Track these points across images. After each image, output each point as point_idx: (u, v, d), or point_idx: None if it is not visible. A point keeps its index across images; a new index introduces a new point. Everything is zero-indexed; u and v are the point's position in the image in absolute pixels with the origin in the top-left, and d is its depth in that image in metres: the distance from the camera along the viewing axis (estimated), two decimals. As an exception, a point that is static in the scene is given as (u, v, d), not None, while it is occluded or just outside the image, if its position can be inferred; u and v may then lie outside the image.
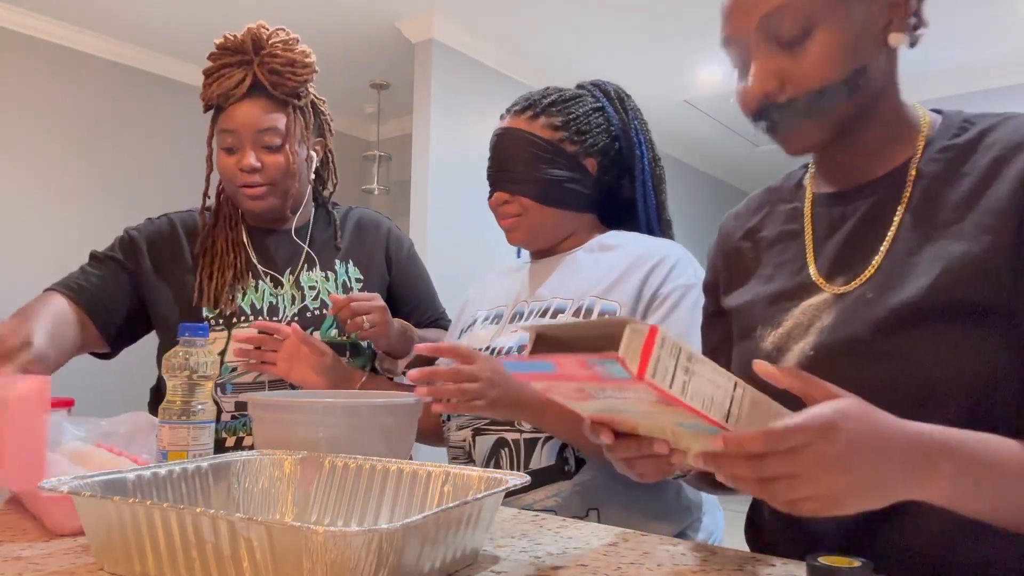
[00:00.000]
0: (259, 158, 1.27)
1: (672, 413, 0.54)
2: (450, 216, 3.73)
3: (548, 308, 1.12)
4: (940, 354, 0.69)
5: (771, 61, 0.76)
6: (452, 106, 3.82)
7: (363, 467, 0.78)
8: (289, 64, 1.29)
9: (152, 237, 1.36)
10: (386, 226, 1.51)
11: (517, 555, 0.68)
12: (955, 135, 0.78)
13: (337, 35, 3.84)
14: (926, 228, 0.75)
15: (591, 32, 3.84)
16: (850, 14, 0.74)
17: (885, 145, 0.81)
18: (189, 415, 0.90)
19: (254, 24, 1.30)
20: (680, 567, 0.65)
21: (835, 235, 0.82)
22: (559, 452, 1.04)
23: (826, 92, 0.75)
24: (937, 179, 0.77)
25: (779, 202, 0.94)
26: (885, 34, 0.76)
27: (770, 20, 0.75)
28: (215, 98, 1.28)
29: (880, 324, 0.72)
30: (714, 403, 0.53)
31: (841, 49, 0.74)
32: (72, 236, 3.72)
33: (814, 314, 0.79)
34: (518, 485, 0.69)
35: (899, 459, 0.57)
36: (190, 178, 4.14)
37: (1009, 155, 0.73)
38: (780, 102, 0.76)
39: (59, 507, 0.72)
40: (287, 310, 1.32)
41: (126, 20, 3.69)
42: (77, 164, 3.75)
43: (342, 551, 0.50)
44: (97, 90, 3.85)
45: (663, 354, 0.50)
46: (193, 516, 0.55)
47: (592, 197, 1.19)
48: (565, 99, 1.18)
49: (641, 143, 1.21)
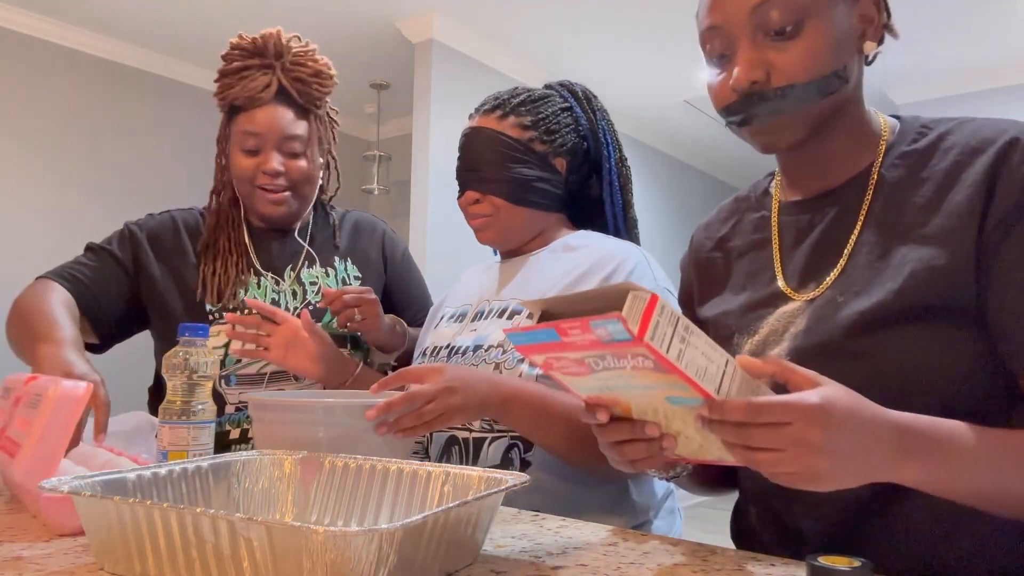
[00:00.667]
0: (281, 162, 1.30)
1: (666, 384, 0.56)
2: (450, 216, 3.73)
3: (506, 309, 1.13)
4: (911, 354, 0.71)
5: (760, 51, 0.77)
6: (452, 106, 3.82)
7: (363, 467, 0.78)
8: (316, 75, 1.32)
9: (154, 231, 1.37)
10: (381, 228, 1.54)
11: (517, 555, 0.68)
12: (914, 140, 0.81)
13: (337, 35, 3.84)
14: (890, 232, 0.77)
15: (591, 32, 3.84)
16: (835, 15, 0.76)
17: (848, 152, 0.83)
18: (189, 415, 0.90)
19: (272, 29, 1.32)
20: (680, 567, 0.65)
21: (802, 243, 0.84)
22: (505, 452, 1.04)
23: (811, 86, 0.76)
24: (898, 184, 0.79)
25: (747, 211, 0.95)
26: (861, 41, 0.79)
27: (762, 10, 0.76)
28: (239, 99, 1.29)
29: (852, 327, 0.74)
30: (707, 375, 0.56)
31: (828, 46, 0.76)
32: (72, 235, 3.71)
33: (788, 320, 0.80)
34: (518, 485, 0.69)
35: (877, 445, 0.60)
36: (189, 177, 4.15)
37: (966, 159, 0.75)
38: (764, 92, 0.77)
39: (59, 507, 0.72)
40: (289, 306, 1.34)
41: (126, 20, 3.69)
42: (77, 163, 3.75)
43: (342, 551, 0.50)
44: (97, 90, 3.85)
45: (662, 320, 0.52)
46: (193, 516, 0.55)
47: (561, 196, 1.19)
48: (534, 99, 1.19)
49: (608, 143, 1.21)
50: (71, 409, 0.79)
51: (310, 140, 1.33)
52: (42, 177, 3.62)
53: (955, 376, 0.71)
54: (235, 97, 1.29)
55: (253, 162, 1.30)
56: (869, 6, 0.79)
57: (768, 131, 0.79)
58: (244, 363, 1.29)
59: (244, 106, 1.30)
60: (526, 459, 1.04)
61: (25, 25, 3.58)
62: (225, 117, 1.35)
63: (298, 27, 3.71)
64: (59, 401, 0.79)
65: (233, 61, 1.30)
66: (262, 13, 3.59)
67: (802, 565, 0.64)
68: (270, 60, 1.30)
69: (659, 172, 5.60)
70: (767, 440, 0.57)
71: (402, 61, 4.03)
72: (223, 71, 1.31)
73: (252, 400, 0.95)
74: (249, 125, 1.29)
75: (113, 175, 3.88)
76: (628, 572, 0.63)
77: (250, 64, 1.30)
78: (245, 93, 1.28)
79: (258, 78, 1.29)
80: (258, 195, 1.31)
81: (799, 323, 0.79)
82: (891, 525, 0.73)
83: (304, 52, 1.33)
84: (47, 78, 3.66)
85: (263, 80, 1.29)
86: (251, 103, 1.29)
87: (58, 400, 0.79)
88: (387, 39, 3.89)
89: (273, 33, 1.31)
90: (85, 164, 3.78)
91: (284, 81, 1.30)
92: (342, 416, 0.90)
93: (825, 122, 0.79)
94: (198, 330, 0.93)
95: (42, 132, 3.63)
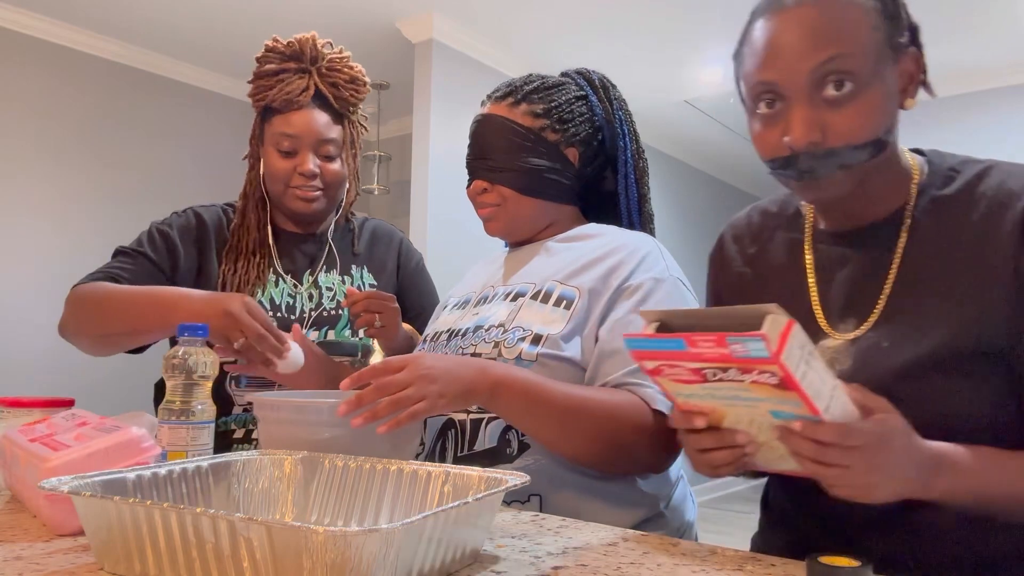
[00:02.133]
0: (317, 165, 1.33)
1: (778, 399, 0.62)
2: (450, 216, 3.73)
3: (510, 291, 1.10)
4: (952, 402, 0.77)
5: (816, 111, 0.78)
6: (452, 106, 3.82)
7: (363, 467, 0.78)
8: (352, 81, 1.36)
9: (184, 228, 1.37)
10: (399, 237, 1.56)
11: (517, 555, 0.68)
12: (944, 183, 0.84)
13: (337, 35, 3.84)
14: (929, 279, 0.81)
15: (591, 32, 3.84)
16: (886, 76, 0.79)
17: (883, 192, 0.85)
18: (188, 415, 0.90)
19: (307, 34, 1.34)
20: (680, 567, 0.65)
21: (837, 276, 0.87)
22: (502, 434, 1.00)
23: (864, 147, 0.78)
24: (933, 230, 0.82)
25: (778, 228, 0.97)
26: (903, 98, 0.82)
27: (821, 71, 0.77)
28: (276, 101, 1.31)
29: (897, 373, 0.78)
30: (819, 395, 0.61)
31: (880, 108, 0.78)
32: (71, 234, 3.72)
33: (833, 357, 0.84)
34: (518, 485, 0.69)
35: (914, 471, 0.69)
36: (196, 179, 4.15)
37: (996, 212, 0.79)
38: (818, 152, 0.79)
39: (59, 507, 0.72)
40: (305, 308, 1.35)
41: (126, 20, 3.69)
42: (77, 163, 3.75)
43: (342, 551, 0.50)
44: (96, 90, 3.84)
45: (795, 343, 0.57)
46: (193, 516, 0.55)
47: (573, 188, 1.16)
48: (548, 86, 1.16)
49: (625, 134, 1.18)
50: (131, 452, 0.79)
51: (344, 144, 1.36)
52: (41, 176, 3.62)
53: (996, 423, 0.77)
54: (272, 99, 1.31)
55: (289, 163, 1.32)
56: (909, 63, 0.82)
57: (819, 187, 0.81)
58: None
59: (281, 108, 1.32)
60: (524, 441, 1.00)
61: (25, 25, 3.58)
62: (259, 118, 1.37)
63: (298, 27, 3.71)
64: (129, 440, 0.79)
65: (268, 63, 1.32)
66: (264, 13, 3.59)
67: (802, 565, 0.64)
68: (306, 64, 1.33)
69: (659, 172, 5.60)
70: (841, 458, 0.64)
71: (402, 61, 4.03)
72: (259, 72, 1.33)
73: (257, 400, 0.94)
74: (286, 127, 1.31)
75: (112, 174, 3.88)
76: (628, 572, 0.63)
77: (287, 67, 1.32)
78: (283, 96, 1.30)
79: (295, 81, 1.31)
80: (290, 193, 1.34)
81: (844, 362, 0.83)
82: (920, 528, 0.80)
83: (339, 58, 1.36)
84: (47, 78, 3.66)
85: (300, 83, 1.31)
86: (288, 105, 1.31)
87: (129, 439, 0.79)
88: (387, 39, 3.89)
89: (308, 38, 1.33)
90: (85, 163, 3.78)
91: (321, 85, 1.33)
92: (347, 417, 0.89)
93: (867, 174, 0.82)
94: (197, 330, 0.93)
95: (41, 131, 3.63)
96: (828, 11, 0.77)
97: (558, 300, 1.04)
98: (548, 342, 0.99)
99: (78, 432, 0.82)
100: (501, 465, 0.99)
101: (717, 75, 4.33)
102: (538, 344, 0.99)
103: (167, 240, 1.34)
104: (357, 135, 1.42)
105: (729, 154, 5.95)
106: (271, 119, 1.33)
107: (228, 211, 1.43)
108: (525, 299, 1.07)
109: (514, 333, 1.02)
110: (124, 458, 0.78)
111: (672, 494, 1.08)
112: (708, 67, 4.25)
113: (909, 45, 0.82)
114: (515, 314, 1.05)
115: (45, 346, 3.52)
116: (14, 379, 3.42)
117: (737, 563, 0.66)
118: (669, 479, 1.08)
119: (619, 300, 1.02)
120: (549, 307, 1.03)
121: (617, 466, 0.98)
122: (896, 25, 0.80)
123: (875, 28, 0.78)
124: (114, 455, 0.77)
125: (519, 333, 1.02)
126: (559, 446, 0.95)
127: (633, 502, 1.01)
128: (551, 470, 0.98)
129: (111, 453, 0.77)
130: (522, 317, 1.04)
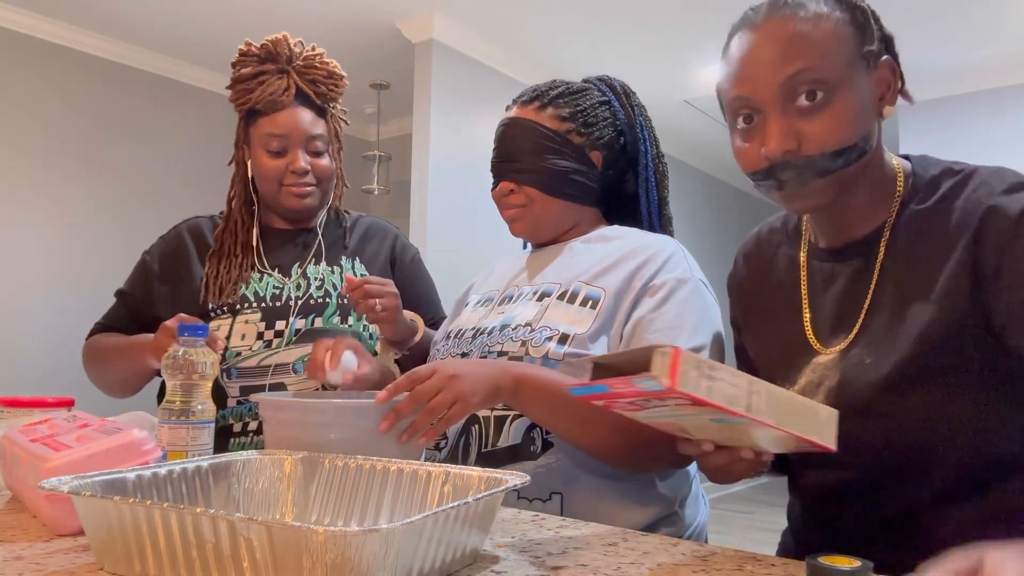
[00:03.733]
0: (308, 160, 1.36)
1: (706, 412, 0.65)
2: (450, 216, 3.73)
3: (536, 291, 1.12)
4: (931, 410, 0.78)
5: (790, 121, 0.80)
6: (452, 106, 3.82)
7: (363, 467, 0.78)
8: (330, 76, 1.38)
9: (165, 253, 1.44)
10: (393, 232, 1.57)
11: (517, 555, 0.68)
12: (924, 198, 0.84)
13: (337, 35, 3.84)
14: (903, 290, 0.82)
15: (591, 32, 3.84)
16: (859, 84, 0.80)
17: (868, 205, 0.86)
18: (188, 415, 0.90)
19: (277, 35, 1.36)
20: (680, 567, 0.65)
21: (827, 293, 0.89)
22: (526, 431, 1.02)
23: (841, 154, 0.79)
24: (908, 243, 0.83)
25: (781, 245, 1.00)
26: (881, 105, 0.83)
27: (792, 83, 0.79)
28: (259, 103, 1.33)
29: (877, 387, 0.80)
30: (735, 400, 0.64)
31: (854, 115, 0.79)
32: (70, 234, 3.72)
33: (823, 374, 0.86)
34: (518, 485, 0.69)
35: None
36: (188, 177, 4.15)
37: (964, 221, 0.79)
38: (795, 161, 0.80)
39: (59, 507, 0.72)
40: (292, 296, 1.36)
41: (125, 20, 3.69)
42: (75, 163, 3.75)
43: (342, 551, 0.50)
44: (95, 89, 3.85)
45: (687, 368, 0.61)
46: (193, 516, 0.55)
47: (596, 191, 1.18)
48: (572, 91, 1.18)
49: (645, 139, 1.20)
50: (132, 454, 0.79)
51: (329, 139, 1.39)
52: (40, 175, 3.62)
53: (978, 426, 0.77)
54: (256, 101, 1.33)
55: (280, 163, 1.35)
56: (886, 71, 0.83)
57: (798, 196, 0.83)
58: (244, 356, 1.30)
59: (265, 110, 1.34)
60: (548, 439, 1.01)
61: (24, 24, 3.57)
62: (242, 122, 1.39)
63: (298, 27, 3.72)
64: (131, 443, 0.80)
65: (245, 67, 1.34)
66: (262, 13, 3.59)
67: (802, 565, 0.64)
68: (283, 64, 1.34)
69: (659, 172, 5.60)
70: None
71: (402, 61, 4.03)
72: (237, 77, 1.35)
73: (263, 400, 0.94)
74: (273, 128, 1.33)
75: (111, 173, 3.88)
76: (628, 572, 0.63)
77: (265, 69, 1.34)
78: (266, 97, 1.32)
79: (275, 82, 1.33)
80: (284, 191, 1.36)
81: (832, 378, 0.84)
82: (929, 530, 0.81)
83: (314, 55, 1.38)
84: (46, 77, 3.66)
85: (281, 83, 1.33)
86: (273, 106, 1.33)
87: (131, 441, 0.80)
88: (387, 39, 3.89)
89: (281, 38, 1.35)
90: (83, 163, 3.78)
91: (301, 84, 1.35)
92: (354, 417, 0.89)
93: (850, 183, 0.83)
94: (197, 330, 0.93)
95: (40, 131, 3.63)
96: (797, 24, 0.79)
97: (584, 300, 1.05)
98: (575, 342, 1.00)
99: (79, 433, 0.82)
100: (524, 462, 1.00)
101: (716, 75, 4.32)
102: (565, 344, 1.01)
103: (146, 273, 1.43)
104: (339, 129, 1.45)
105: (728, 154, 5.93)
106: (256, 121, 1.35)
107: (215, 219, 1.46)
108: (552, 299, 1.08)
109: (541, 332, 1.03)
110: (125, 460, 0.78)
111: (687, 494, 1.09)
112: (708, 67, 4.25)
113: (883, 54, 0.83)
114: (542, 314, 1.06)
115: (42, 346, 3.52)
116: (11, 379, 3.42)
117: (737, 563, 0.66)
118: (686, 479, 1.10)
119: (643, 299, 1.04)
120: (576, 307, 1.05)
121: (641, 462, 0.99)
122: (866, 35, 0.82)
123: (844, 39, 0.80)
124: (115, 457, 0.77)
125: (546, 332, 1.03)
126: (582, 441, 0.96)
127: (650, 501, 1.03)
128: (573, 469, 1.00)
129: (112, 455, 0.77)
130: (549, 317, 1.05)
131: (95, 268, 3.74)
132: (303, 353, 1.31)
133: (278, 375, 1.30)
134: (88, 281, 3.71)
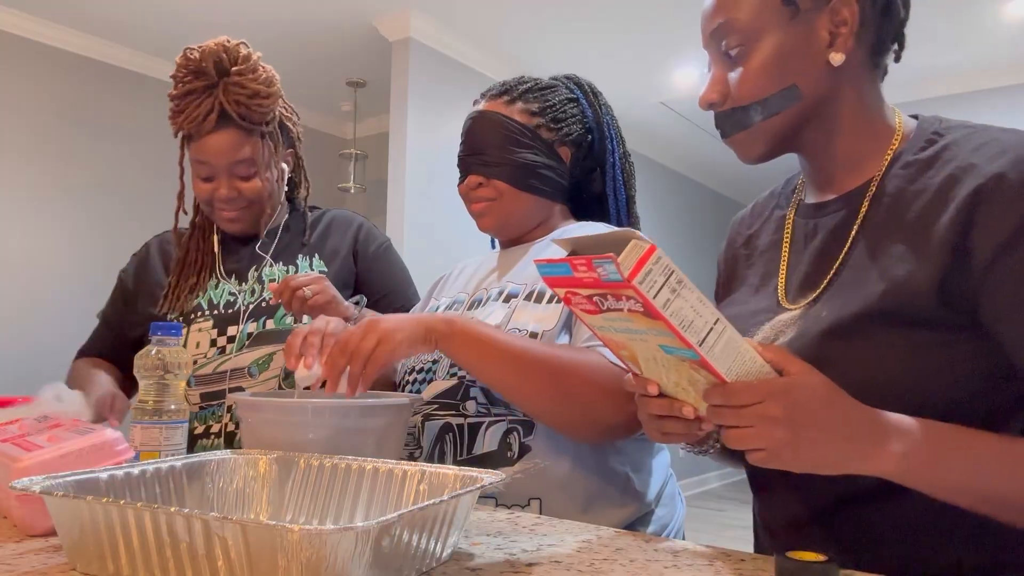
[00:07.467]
0: (234, 186, 1.34)
1: (656, 331, 0.61)
2: (426, 215, 3.73)
3: (503, 291, 1.12)
4: (873, 361, 0.73)
5: (721, 73, 0.83)
6: (429, 104, 3.81)
7: (338, 466, 0.78)
8: (253, 96, 1.31)
9: (136, 273, 1.47)
10: (358, 222, 1.53)
11: (492, 553, 0.69)
12: (922, 148, 0.79)
13: (314, 32, 3.82)
14: (879, 246, 0.77)
15: (568, 32, 3.86)
16: (787, 34, 0.79)
17: (855, 157, 0.83)
18: (161, 415, 0.89)
19: (215, 41, 1.31)
20: (652, 563, 0.66)
21: (806, 250, 0.86)
22: (502, 437, 1.01)
23: (752, 108, 0.80)
24: (895, 195, 0.78)
25: (775, 208, 0.97)
26: (827, 52, 0.79)
27: (717, 34, 0.82)
28: (185, 128, 1.32)
29: (824, 333, 0.76)
30: (692, 327, 0.59)
31: (772, 67, 0.79)
32: (54, 234, 3.66)
33: (780, 330, 0.82)
34: (494, 483, 0.69)
35: (845, 430, 0.64)
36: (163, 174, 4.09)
37: (958, 177, 0.73)
38: (722, 112, 0.83)
39: (31, 507, 0.71)
40: (246, 301, 1.36)
41: (100, 16, 3.63)
42: (60, 162, 3.69)
43: (317, 549, 0.50)
44: (78, 88, 3.79)
45: (655, 268, 0.57)
46: (167, 515, 0.54)
47: (565, 187, 1.18)
48: (542, 87, 1.19)
49: (613, 138, 1.21)
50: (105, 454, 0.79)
51: (258, 160, 1.34)
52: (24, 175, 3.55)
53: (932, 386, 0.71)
54: (180, 126, 1.32)
55: (209, 187, 1.35)
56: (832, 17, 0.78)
57: (735, 144, 0.85)
58: (200, 364, 1.31)
59: (192, 135, 1.33)
60: (526, 443, 1.00)
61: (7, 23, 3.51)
62: (180, 142, 1.39)
63: (274, 24, 3.69)
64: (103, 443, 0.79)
65: (179, 83, 1.32)
66: (238, 11, 3.55)
67: (771, 560, 0.65)
68: (213, 79, 1.30)
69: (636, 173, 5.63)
70: (735, 419, 0.63)
71: (379, 59, 4.02)
72: (171, 95, 1.33)
73: (240, 401, 0.93)
74: (198, 154, 1.33)
75: (95, 173, 3.82)
76: (601, 568, 0.64)
77: (193, 88, 1.30)
78: (189, 123, 1.31)
79: (200, 105, 1.30)
80: (217, 215, 1.38)
81: (789, 333, 0.80)
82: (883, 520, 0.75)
83: (242, 71, 1.30)
84: (28, 76, 3.59)
85: (204, 108, 1.30)
86: (197, 133, 1.31)
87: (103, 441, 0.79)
88: (364, 37, 3.87)
89: (217, 47, 1.30)
90: (67, 162, 3.71)
91: (226, 104, 1.29)
92: (331, 417, 0.88)
93: (795, 133, 0.82)
94: (170, 329, 0.92)
95: (24, 129, 3.57)
96: None
97: (551, 297, 1.06)
98: (543, 339, 1.01)
99: (51, 433, 0.82)
100: (503, 467, 1.00)
101: (692, 77, 4.36)
102: None
103: (123, 292, 1.47)
104: (279, 139, 1.39)
105: (704, 155, 6.00)
106: (189, 144, 1.35)
107: (183, 230, 1.47)
108: (519, 300, 1.08)
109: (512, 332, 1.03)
110: (98, 460, 0.77)
111: (663, 492, 1.10)
112: (683, 68, 4.29)
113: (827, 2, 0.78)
114: (510, 316, 1.06)
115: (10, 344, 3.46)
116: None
117: (708, 559, 0.68)
118: (656, 479, 1.10)
119: None
120: (543, 305, 1.05)
121: (579, 426, 0.96)
122: None
123: None
124: (88, 457, 0.77)
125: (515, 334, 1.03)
126: (517, 393, 0.95)
127: (628, 501, 1.03)
128: (551, 474, 0.99)
129: (85, 455, 0.77)
130: (517, 318, 1.05)
131: (69, 265, 3.68)
132: (257, 356, 1.31)
133: (235, 379, 1.30)
134: (62, 276, 3.65)
